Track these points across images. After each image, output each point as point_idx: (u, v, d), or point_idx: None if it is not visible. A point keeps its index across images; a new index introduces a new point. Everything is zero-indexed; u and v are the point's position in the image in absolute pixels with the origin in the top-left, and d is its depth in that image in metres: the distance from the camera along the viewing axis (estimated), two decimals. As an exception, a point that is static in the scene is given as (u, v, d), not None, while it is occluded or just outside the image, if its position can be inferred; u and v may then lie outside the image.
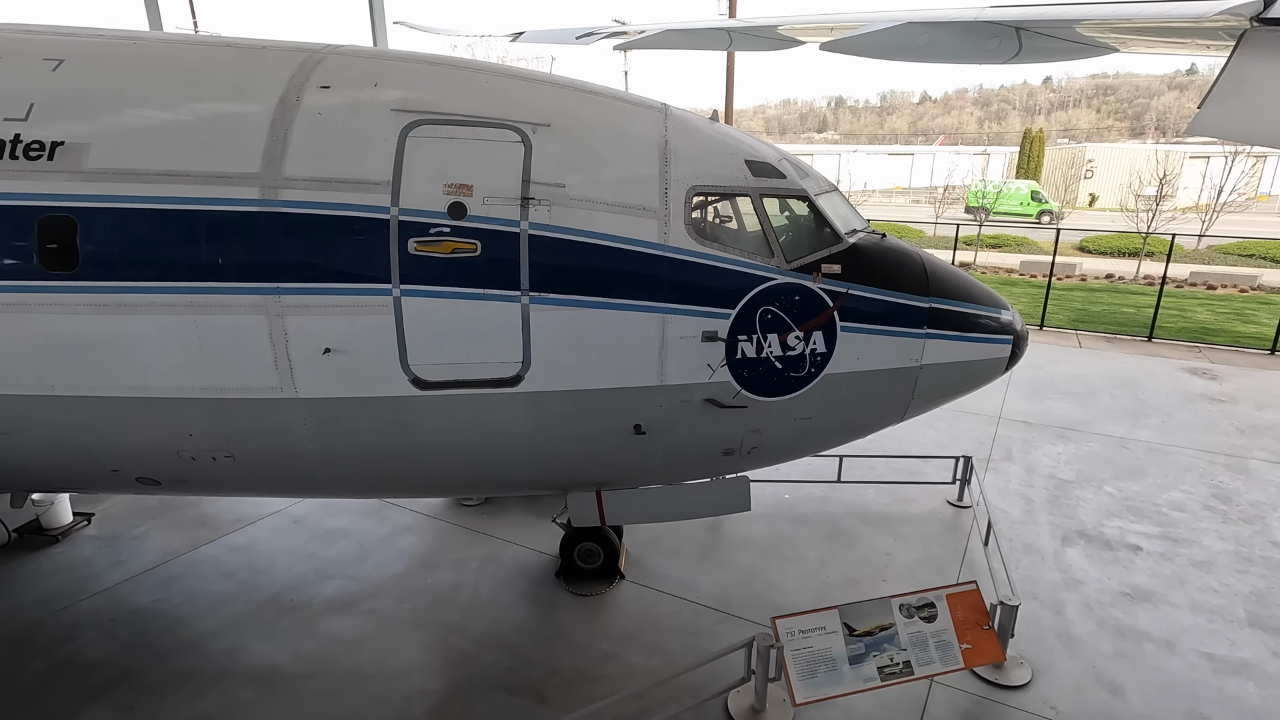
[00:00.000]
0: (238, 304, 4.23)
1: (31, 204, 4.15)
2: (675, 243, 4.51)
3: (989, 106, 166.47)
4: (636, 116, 4.88)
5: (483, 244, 4.28)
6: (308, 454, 4.70)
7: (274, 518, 7.42)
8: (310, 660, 5.40)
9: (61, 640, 5.57)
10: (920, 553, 6.99)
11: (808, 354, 4.81)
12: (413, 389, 4.40)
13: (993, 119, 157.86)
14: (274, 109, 4.32)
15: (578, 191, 4.41)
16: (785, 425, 5.08)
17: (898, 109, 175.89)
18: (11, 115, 4.23)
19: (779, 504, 7.85)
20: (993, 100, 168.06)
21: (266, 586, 6.31)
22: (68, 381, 4.38)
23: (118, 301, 4.20)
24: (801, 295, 4.73)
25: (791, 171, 5.00)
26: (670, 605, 6.10)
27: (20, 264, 4.19)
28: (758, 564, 6.74)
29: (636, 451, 4.96)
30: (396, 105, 4.40)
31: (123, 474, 4.98)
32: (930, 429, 9.87)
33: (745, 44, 11.04)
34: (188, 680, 5.17)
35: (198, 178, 4.19)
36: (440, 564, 6.67)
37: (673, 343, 4.56)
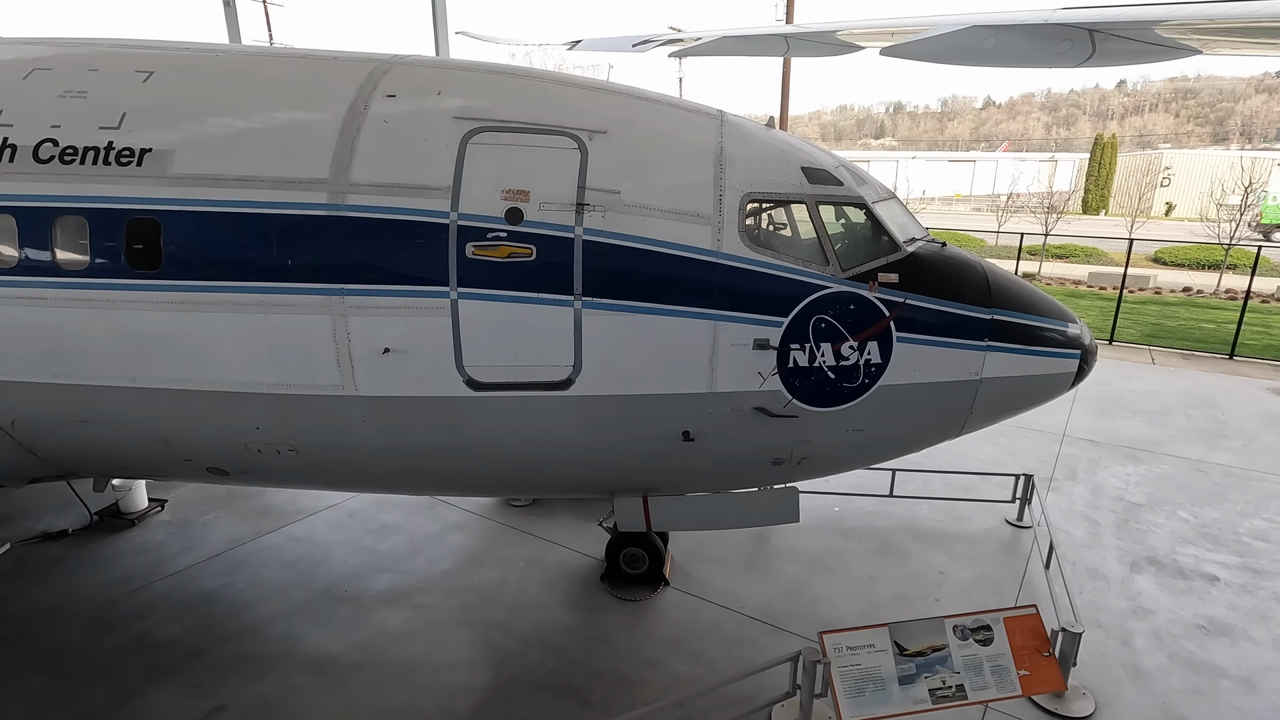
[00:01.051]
0: (304, 304, 4.41)
1: (121, 207, 4.42)
2: (728, 249, 4.49)
3: (1057, 111, 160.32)
4: (692, 123, 4.89)
5: (538, 249, 4.35)
6: (365, 450, 4.85)
7: (331, 511, 7.67)
8: (362, 650, 5.56)
9: (135, 619, 5.89)
10: (975, 573, 6.75)
11: (861, 364, 4.72)
12: (467, 390, 4.50)
13: (1061, 124, 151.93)
14: (343, 117, 4.50)
15: (632, 198, 4.44)
16: (837, 436, 4.98)
17: (959, 114, 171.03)
18: (106, 124, 4.52)
19: (828, 516, 7.71)
20: (1061, 105, 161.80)
21: (323, 577, 6.53)
22: (148, 374, 4.65)
23: (195, 300, 4.44)
24: (856, 304, 4.64)
25: (849, 178, 4.92)
26: (714, 614, 6.05)
27: (110, 263, 4.47)
28: (804, 576, 6.62)
29: (684, 458, 4.94)
30: (458, 113, 4.52)
31: (195, 463, 5.24)
32: (989, 445, 9.54)
33: (802, 49, 10.94)
34: (248, 663, 5.39)
35: (271, 183, 4.40)
36: (487, 562, 6.79)
37: (724, 350, 4.54)
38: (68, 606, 6.05)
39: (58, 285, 4.54)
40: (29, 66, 4.86)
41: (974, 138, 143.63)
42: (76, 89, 4.69)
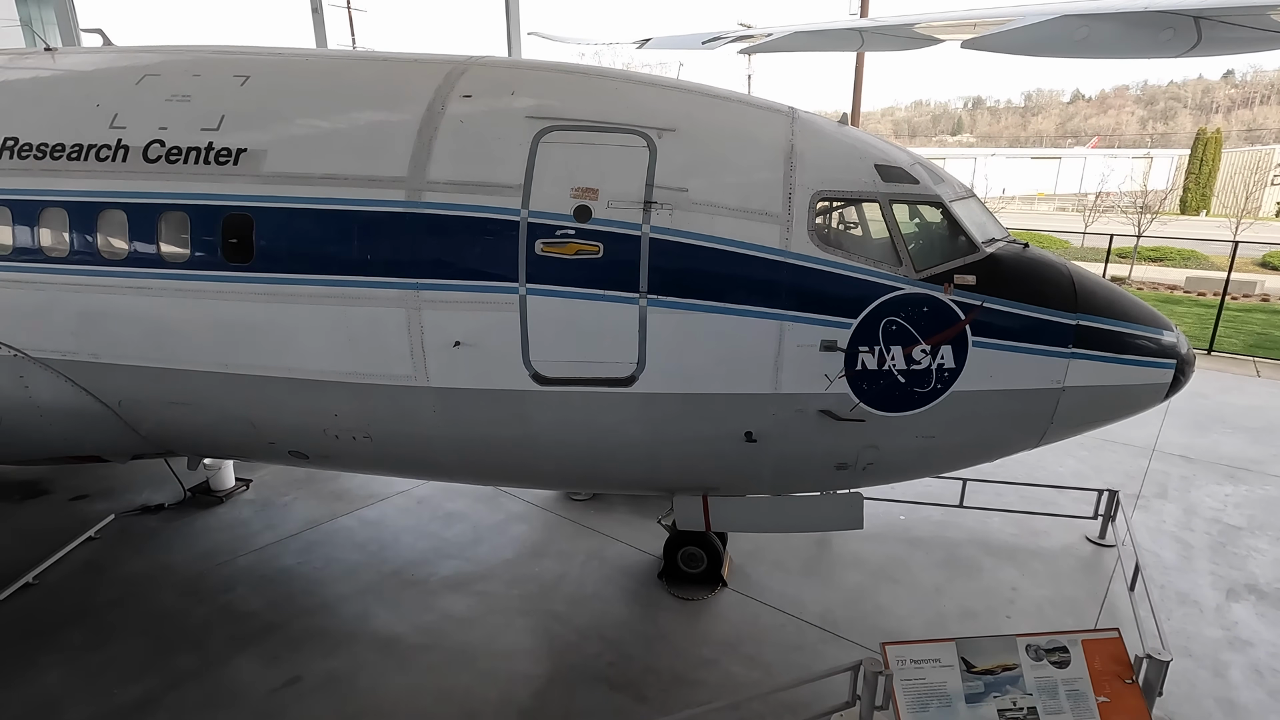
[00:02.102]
0: (381, 297, 4.60)
1: (218, 203, 4.72)
2: (797, 249, 4.41)
3: (1154, 105, 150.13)
4: (762, 120, 4.83)
5: (605, 246, 4.39)
6: (435, 439, 5.01)
7: (401, 496, 7.97)
8: (427, 633, 5.76)
9: (221, 590, 6.28)
10: (1051, 591, 6.42)
11: (934, 369, 4.56)
12: (532, 384, 4.59)
13: (1158, 119, 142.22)
14: (421, 117, 4.66)
15: (700, 195, 4.42)
16: (905, 442, 4.83)
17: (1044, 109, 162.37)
18: (207, 125, 4.83)
19: (893, 524, 7.49)
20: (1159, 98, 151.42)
21: (391, 560, 6.80)
22: (238, 361, 4.94)
23: (283, 292, 4.69)
24: (930, 307, 4.49)
25: (925, 176, 4.76)
26: (773, 618, 5.97)
27: (207, 256, 4.77)
28: (867, 585, 6.46)
29: (746, 459, 4.90)
30: (530, 112, 4.62)
31: (278, 446, 5.54)
32: (1069, 457, 9.05)
33: (878, 44, 10.63)
34: (322, 638, 5.66)
35: (353, 181, 4.60)
36: (548, 554, 6.91)
37: (789, 350, 4.47)
38: (162, 575, 6.50)
39: (161, 276, 4.88)
40: (141, 73, 5.24)
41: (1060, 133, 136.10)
42: (182, 93, 5.03)
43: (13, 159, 5.03)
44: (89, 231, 4.93)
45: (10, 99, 5.54)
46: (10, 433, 5.68)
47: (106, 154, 4.90)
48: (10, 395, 5.48)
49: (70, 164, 4.94)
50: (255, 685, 5.15)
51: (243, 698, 5.03)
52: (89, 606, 6.01)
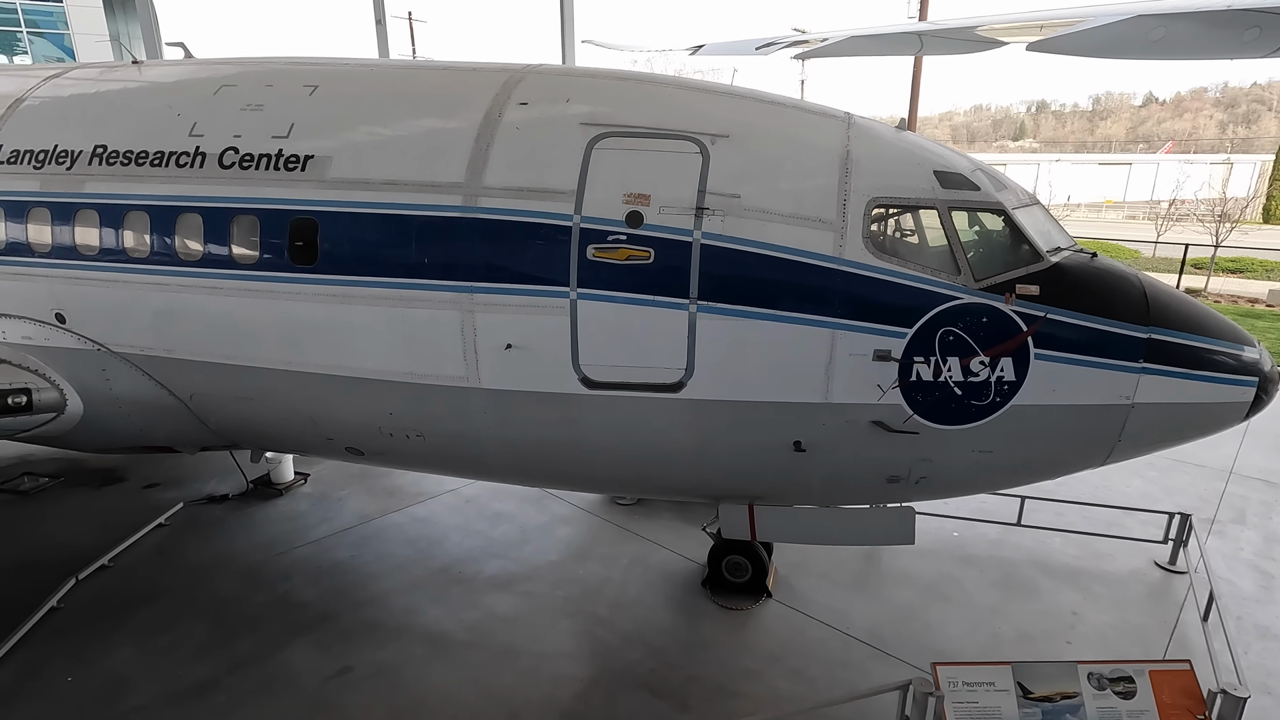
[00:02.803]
0: (437, 299, 4.72)
1: (286, 207, 4.92)
2: (851, 256, 4.34)
3: (1235, 108, 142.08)
4: (817, 126, 4.78)
5: (656, 252, 4.40)
6: (485, 440, 5.11)
7: (450, 495, 8.13)
8: (472, 630, 5.85)
9: (279, 579, 6.52)
10: (1115, 617, 6.12)
11: (993, 381, 4.41)
12: (581, 388, 4.63)
13: (1240, 122, 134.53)
14: (479, 124, 4.77)
15: (753, 202, 4.39)
16: (961, 457, 4.69)
17: (1113, 113, 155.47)
18: (277, 133, 5.05)
19: (946, 541, 7.26)
20: (1241, 100, 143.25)
21: (440, 557, 6.94)
22: (301, 359, 5.14)
23: (344, 293, 4.86)
24: (990, 317, 4.35)
25: (986, 183, 4.62)
26: (819, 632, 5.86)
27: (275, 258, 4.98)
28: (917, 602, 6.27)
29: (794, 469, 4.83)
30: (585, 119, 4.67)
31: (335, 442, 5.74)
32: (1137, 477, 8.62)
33: (937, 47, 10.39)
34: (372, 630, 5.82)
35: (413, 186, 4.74)
36: (592, 557, 6.94)
37: (841, 360, 4.39)
38: (225, 562, 6.79)
39: (232, 277, 5.12)
40: (219, 84, 5.52)
41: (1130, 138, 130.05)
42: (255, 103, 5.28)
43: (102, 165, 5.36)
44: (168, 233, 5.21)
45: (101, 108, 5.91)
46: (92, 422, 6.04)
47: (185, 160, 5.18)
48: (93, 387, 5.83)
49: (153, 170, 5.24)
50: (309, 673, 5.32)
51: (297, 685, 5.21)
52: (158, 590, 6.32)
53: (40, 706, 4.97)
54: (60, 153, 5.53)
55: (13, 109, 5.94)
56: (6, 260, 5.64)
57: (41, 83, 6.18)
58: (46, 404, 5.79)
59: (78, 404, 5.92)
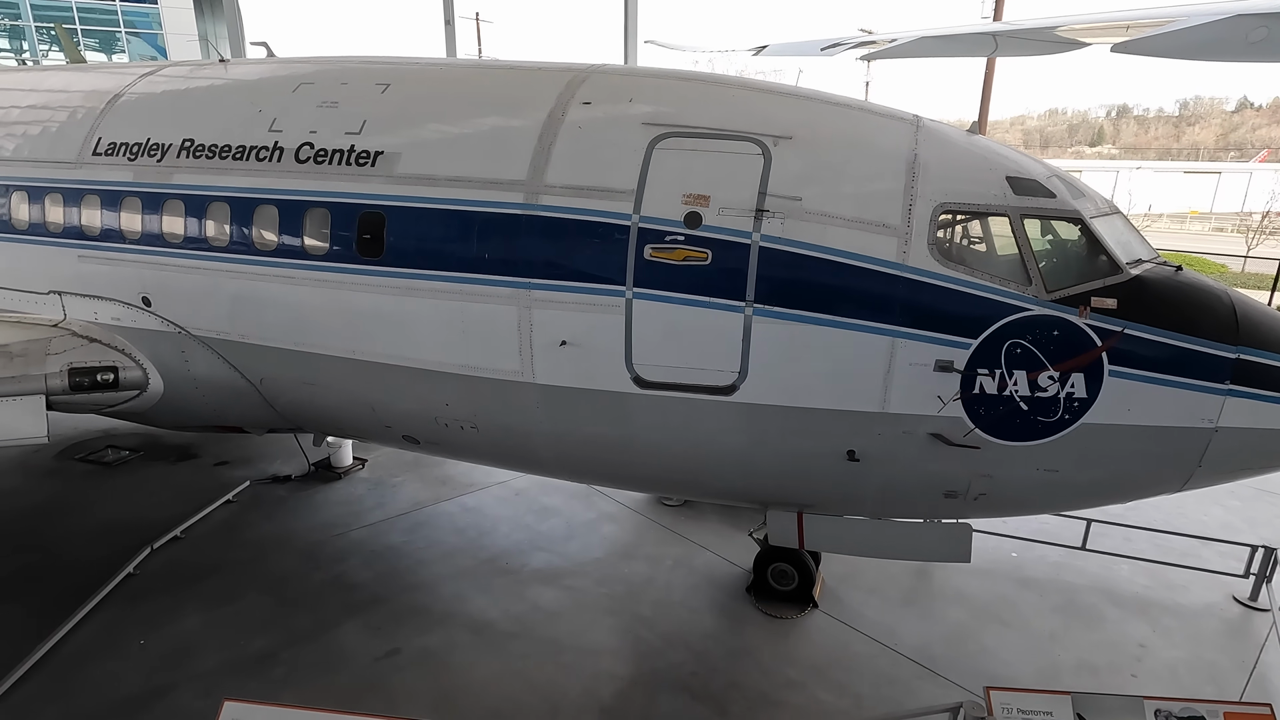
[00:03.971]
0: (495, 294, 4.80)
1: (356, 202, 5.10)
2: (914, 263, 4.22)
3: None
4: (884, 128, 4.66)
5: (713, 253, 4.38)
6: (537, 434, 5.17)
7: (499, 487, 8.28)
8: (517, 621, 5.94)
9: (336, 560, 6.76)
10: (1188, 653, 5.77)
11: (1062, 398, 4.22)
12: (633, 387, 4.64)
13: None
14: (542, 123, 4.83)
15: (814, 205, 4.32)
16: (1024, 475, 4.50)
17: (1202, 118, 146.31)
18: (350, 130, 5.24)
19: (1003, 561, 6.99)
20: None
21: (488, 547, 7.07)
22: (364, 348, 5.31)
23: (407, 285, 5.00)
24: (1061, 330, 4.16)
25: (1063, 190, 4.43)
26: (865, 647, 5.72)
27: (344, 250, 5.16)
28: (971, 623, 6.06)
29: (847, 479, 4.73)
30: (647, 119, 4.68)
31: (393, 430, 5.91)
32: (1216, 505, 8.11)
33: (1013, 48, 10.00)
34: (421, 615, 5.97)
35: (476, 183, 4.84)
36: (636, 556, 6.95)
37: (900, 369, 4.27)
38: (286, 541, 7.08)
39: (302, 267, 5.33)
40: (298, 82, 5.76)
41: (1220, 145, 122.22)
42: (330, 100, 5.48)
43: (189, 158, 5.67)
44: (245, 224, 5.47)
45: (190, 104, 6.25)
46: (171, 401, 6.39)
47: (265, 155, 5.42)
48: (173, 367, 6.17)
49: (235, 163, 5.50)
50: (360, 652, 5.50)
51: (349, 663, 5.39)
52: (224, 563, 6.64)
53: (115, 666, 5.29)
54: (152, 145, 5.86)
55: (111, 104, 6.34)
56: (101, 246, 6.02)
57: (137, 80, 6.58)
58: (131, 382, 6.16)
59: (159, 383, 6.27)
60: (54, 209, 6.18)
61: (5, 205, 6.40)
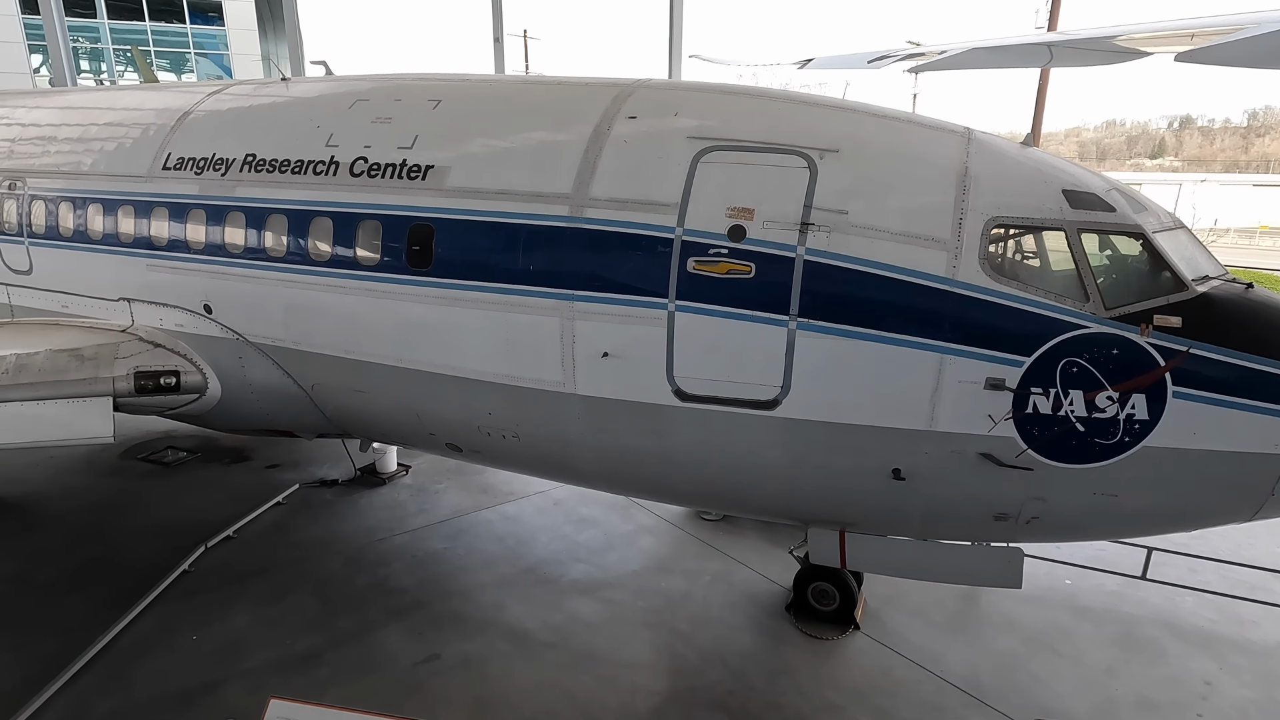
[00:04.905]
0: (539, 306, 4.86)
1: (406, 214, 5.24)
2: (965, 278, 4.12)
3: None
4: (934, 141, 4.59)
5: (757, 266, 4.35)
6: (577, 445, 5.20)
7: (539, 496, 8.33)
8: (555, 631, 5.95)
9: (379, 564, 6.89)
10: (1260, 693, 5.44)
11: (1122, 419, 4.05)
12: (674, 399, 4.63)
13: None
14: (588, 137, 4.90)
15: (861, 219, 4.27)
16: (1080, 499, 4.33)
17: (1273, 129, 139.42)
18: (403, 144, 5.39)
19: (1057, 589, 6.71)
20: None
21: (526, 556, 7.11)
22: (411, 357, 5.43)
23: (453, 296, 5.10)
24: (1121, 349, 4.00)
25: (1123, 204, 4.28)
26: (909, 672, 5.55)
27: (393, 261, 5.30)
28: (1021, 652, 5.82)
29: (892, 498, 4.62)
30: (692, 133, 4.70)
31: (437, 437, 6.01)
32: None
33: (1069, 59, 9.73)
34: (461, 621, 6.03)
35: (523, 196, 4.92)
36: (674, 570, 6.90)
37: (949, 386, 4.17)
38: (332, 544, 7.25)
39: (354, 277, 5.49)
40: (354, 98, 5.97)
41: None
42: (384, 116, 5.66)
43: (251, 172, 5.91)
44: (301, 235, 5.67)
45: (253, 121, 6.53)
46: (228, 405, 6.63)
47: (321, 169, 5.62)
48: (230, 372, 6.41)
49: (293, 177, 5.72)
50: (401, 656, 5.58)
51: (390, 666, 5.47)
52: (273, 563, 6.84)
53: (169, 660, 5.48)
54: (217, 160, 6.14)
55: (181, 121, 6.67)
56: (168, 255, 6.31)
57: (205, 98, 6.91)
58: (192, 385, 6.42)
59: (217, 387, 6.52)
60: (126, 220, 6.51)
61: (83, 217, 6.77)
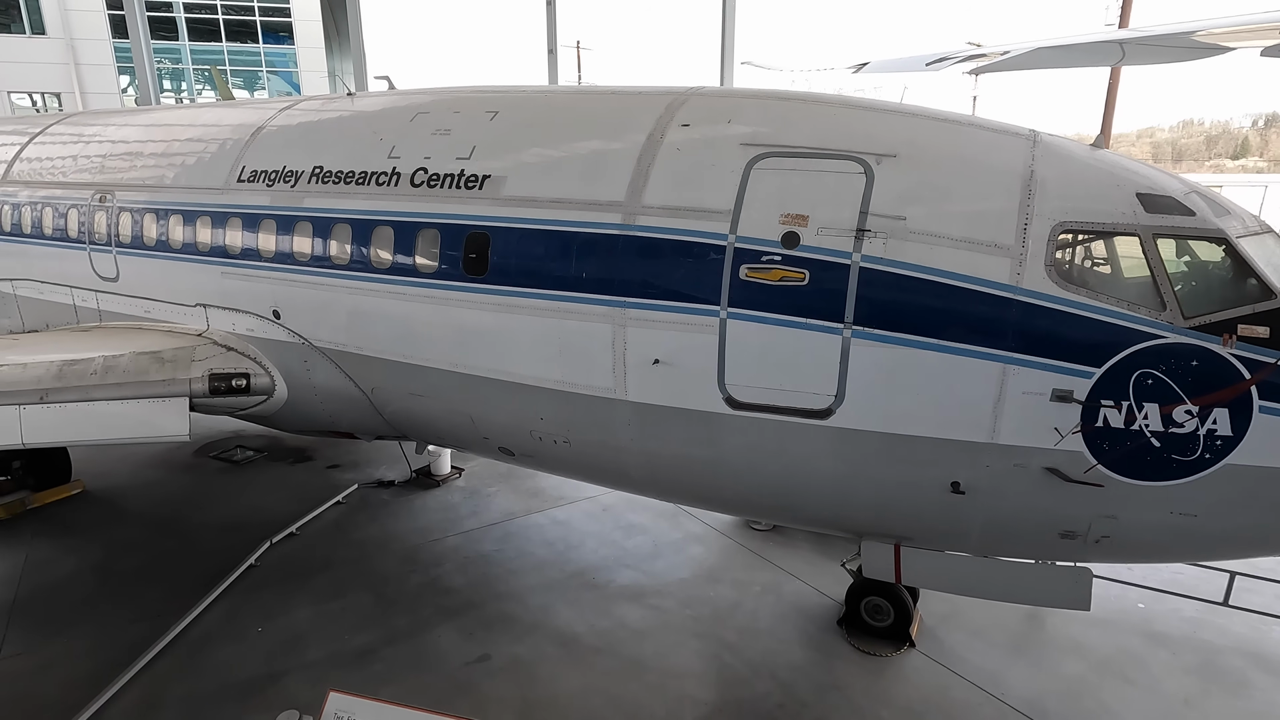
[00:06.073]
0: (591, 312, 4.91)
1: (464, 223, 5.37)
2: (1030, 285, 3.97)
3: None
4: (996, 145, 4.45)
5: (811, 274, 4.29)
6: (627, 451, 5.21)
7: (588, 502, 8.39)
8: (602, 637, 5.97)
9: (432, 564, 7.05)
10: (1358, 734, 5.04)
11: (1202, 435, 3.82)
12: (725, 407, 4.59)
13: None
14: (641, 145, 4.93)
15: (919, 225, 4.16)
16: (1154, 518, 4.10)
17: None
18: (460, 155, 5.54)
19: (1129, 612, 6.37)
20: None
21: (575, 561, 7.16)
22: (466, 362, 5.55)
23: (508, 303, 5.19)
24: (1201, 360, 3.78)
25: (1203, 207, 4.06)
26: (968, 694, 5.35)
27: (451, 269, 5.44)
28: (1089, 678, 5.54)
29: (950, 512, 4.47)
30: (745, 139, 4.68)
31: (490, 441, 6.12)
32: (1393, 566, 7.07)
33: (1143, 56, 9.29)
34: (511, 623, 6.12)
35: (577, 204, 4.98)
36: (723, 580, 6.84)
37: (1012, 397, 4.01)
38: (388, 543, 7.46)
39: (413, 284, 5.65)
40: (415, 111, 6.16)
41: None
42: (444, 128, 5.82)
43: (319, 184, 6.17)
44: (364, 244, 5.87)
45: (320, 134, 6.81)
46: (293, 406, 6.91)
47: (384, 179, 5.81)
48: (296, 375, 6.68)
49: (358, 188, 5.93)
50: (453, 655, 5.69)
51: (442, 665, 5.59)
52: (333, 560, 7.07)
53: (235, 650, 5.72)
54: (287, 172, 6.43)
55: (255, 136, 7.01)
56: (241, 263, 6.63)
57: (277, 113, 7.24)
58: (261, 388, 6.72)
59: (284, 389, 6.80)
60: (203, 230, 6.87)
61: (165, 227, 7.17)
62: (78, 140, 9.27)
